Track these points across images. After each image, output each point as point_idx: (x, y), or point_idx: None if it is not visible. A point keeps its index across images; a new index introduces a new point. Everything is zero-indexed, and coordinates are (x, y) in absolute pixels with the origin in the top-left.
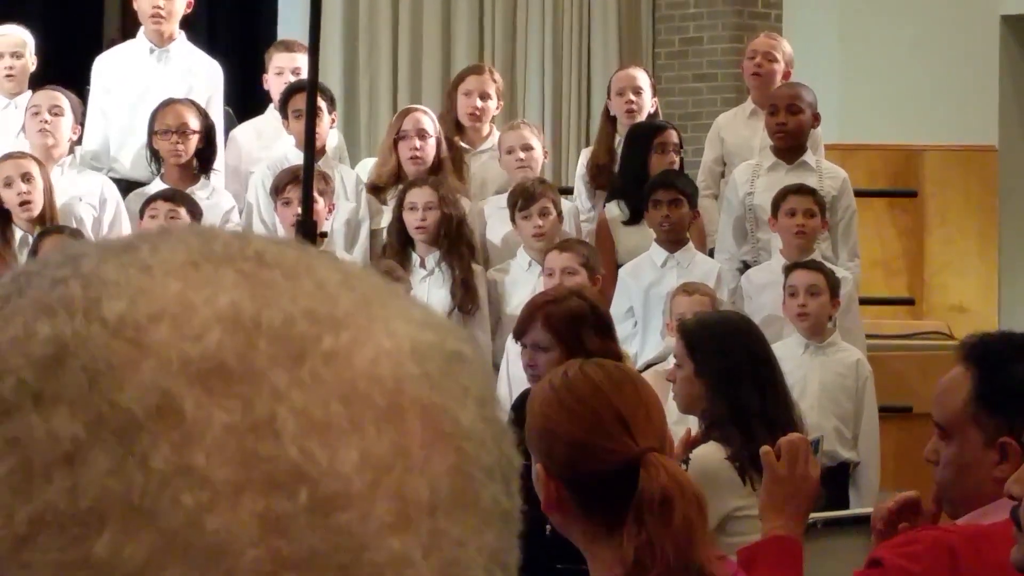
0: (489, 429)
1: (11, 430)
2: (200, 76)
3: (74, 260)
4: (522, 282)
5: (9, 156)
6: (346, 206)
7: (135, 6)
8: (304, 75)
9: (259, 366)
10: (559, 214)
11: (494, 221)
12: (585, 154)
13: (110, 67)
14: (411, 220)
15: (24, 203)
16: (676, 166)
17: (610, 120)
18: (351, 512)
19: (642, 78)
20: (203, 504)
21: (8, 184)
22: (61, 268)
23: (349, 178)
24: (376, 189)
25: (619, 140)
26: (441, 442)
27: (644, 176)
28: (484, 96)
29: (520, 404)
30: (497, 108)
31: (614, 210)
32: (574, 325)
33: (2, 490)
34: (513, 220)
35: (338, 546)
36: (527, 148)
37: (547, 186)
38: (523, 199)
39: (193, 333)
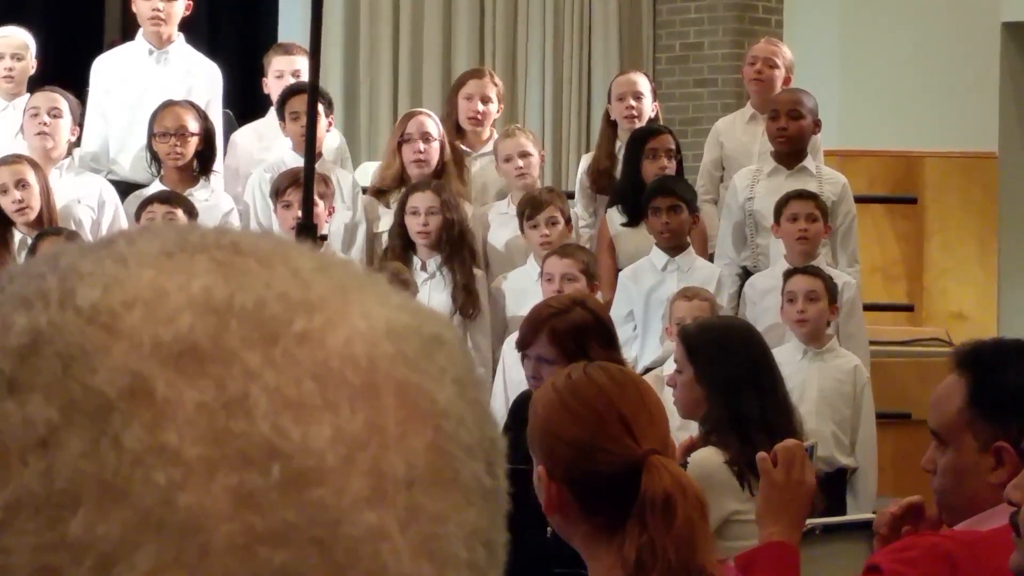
0: (469, 409)
1: None
2: (199, 78)
3: (54, 257)
4: (532, 291)
5: (3, 162)
6: (343, 210)
7: (134, 8)
8: (304, 77)
9: (231, 347)
10: (567, 222)
11: (497, 227)
12: (585, 160)
13: (109, 69)
14: (413, 225)
15: (20, 210)
16: (671, 171)
17: (610, 125)
18: (326, 487)
19: (642, 83)
20: (176, 481)
21: (4, 191)
22: (41, 266)
23: (346, 182)
24: (379, 192)
25: (620, 145)
26: (417, 419)
27: (639, 181)
28: (485, 100)
29: (518, 406)
30: (498, 111)
31: (614, 215)
32: (579, 338)
33: None
34: (522, 228)
35: (313, 520)
36: (525, 155)
37: (555, 194)
38: (531, 208)
39: (165, 317)
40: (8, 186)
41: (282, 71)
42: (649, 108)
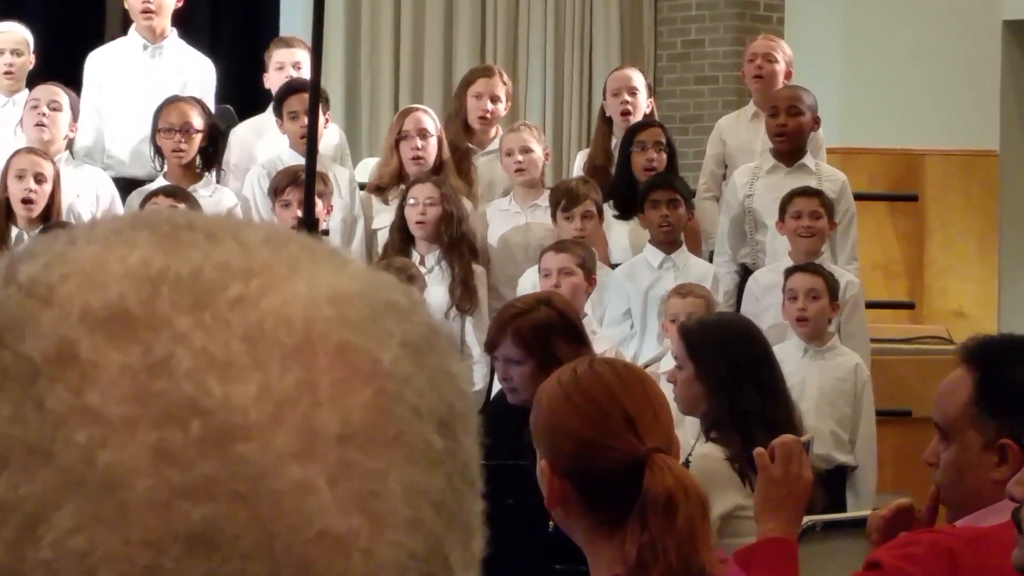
0: (423, 373)
1: None
2: (193, 73)
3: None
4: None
5: (30, 150)
6: (340, 204)
7: (125, 3)
8: (304, 70)
9: (162, 312)
10: (599, 214)
11: (497, 223)
12: (580, 156)
13: (103, 63)
14: (411, 215)
15: (27, 200)
16: (659, 164)
17: (606, 121)
18: (251, 443)
19: (637, 78)
20: (96, 440)
21: (20, 176)
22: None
23: (343, 177)
24: (378, 189)
25: (615, 141)
26: (356, 379)
27: (629, 174)
28: (494, 99)
29: (495, 410)
30: (505, 110)
31: (607, 209)
32: (543, 335)
33: None
34: (554, 218)
35: (234, 474)
36: (526, 151)
37: (591, 187)
38: (568, 200)
39: (98, 285)
40: (26, 172)
41: (282, 63)
42: (644, 103)
